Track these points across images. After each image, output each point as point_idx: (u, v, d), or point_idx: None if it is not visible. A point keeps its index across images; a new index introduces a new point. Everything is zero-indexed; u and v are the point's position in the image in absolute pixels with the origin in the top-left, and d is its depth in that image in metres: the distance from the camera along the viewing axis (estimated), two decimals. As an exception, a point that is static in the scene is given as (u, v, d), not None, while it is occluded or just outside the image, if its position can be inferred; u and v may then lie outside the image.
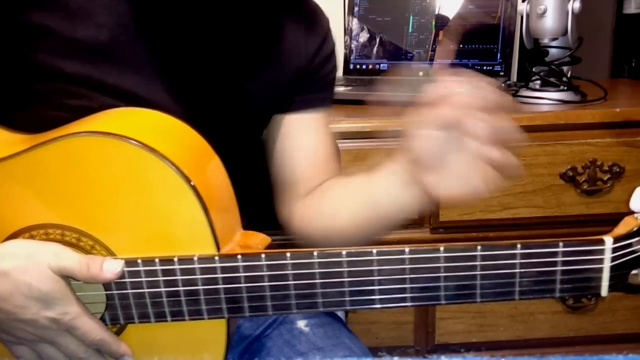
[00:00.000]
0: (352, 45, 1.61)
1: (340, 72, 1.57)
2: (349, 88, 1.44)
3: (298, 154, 0.83)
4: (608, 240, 0.59)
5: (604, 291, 0.61)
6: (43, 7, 0.67)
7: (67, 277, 0.61)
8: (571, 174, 1.26)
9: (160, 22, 0.72)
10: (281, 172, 0.85)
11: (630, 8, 1.63)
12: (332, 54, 0.86)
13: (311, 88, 0.84)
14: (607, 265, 0.60)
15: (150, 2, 0.71)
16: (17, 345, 0.63)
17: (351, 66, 1.62)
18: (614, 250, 0.59)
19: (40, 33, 0.67)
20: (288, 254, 0.61)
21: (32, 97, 0.70)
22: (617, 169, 1.26)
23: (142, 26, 0.71)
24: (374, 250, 0.60)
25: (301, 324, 0.82)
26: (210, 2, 0.75)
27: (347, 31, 1.61)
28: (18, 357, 0.64)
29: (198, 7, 0.74)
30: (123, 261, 0.61)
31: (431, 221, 1.30)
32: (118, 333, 0.66)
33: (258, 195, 0.85)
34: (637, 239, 0.59)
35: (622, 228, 0.61)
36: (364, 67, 1.61)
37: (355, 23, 1.61)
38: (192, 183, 0.61)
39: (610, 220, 0.63)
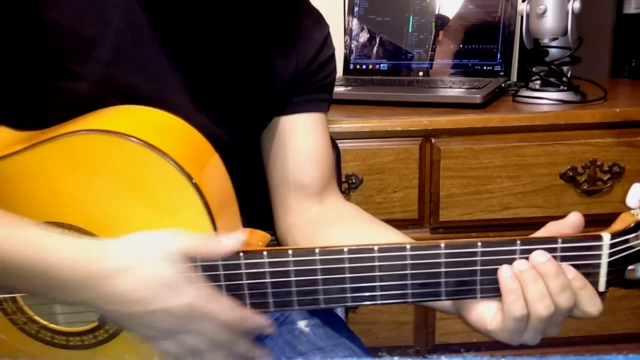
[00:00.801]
0: (352, 45, 1.62)
1: (340, 72, 1.57)
2: (349, 88, 1.44)
3: (294, 155, 0.83)
4: (606, 236, 0.60)
5: (602, 286, 0.62)
6: (56, 3, 0.67)
7: (190, 259, 0.60)
8: (571, 174, 1.26)
9: (166, 20, 0.72)
10: (277, 172, 0.85)
11: (630, 8, 1.63)
12: (330, 58, 0.87)
13: (309, 90, 0.84)
14: (604, 260, 0.61)
15: (161, 2, 0.71)
16: (162, 340, 0.62)
17: (351, 66, 1.62)
18: (612, 246, 0.60)
19: (52, 29, 0.67)
20: (290, 251, 0.61)
21: (42, 94, 0.69)
22: (617, 169, 1.26)
23: (148, 23, 0.71)
24: (376, 247, 0.60)
25: (302, 324, 0.82)
26: (218, 2, 0.75)
27: (347, 31, 1.61)
28: (166, 353, 0.62)
29: (203, 6, 0.74)
30: (243, 233, 0.61)
31: (431, 221, 1.30)
32: (119, 331, 0.66)
33: (257, 195, 0.85)
34: (633, 234, 0.60)
35: (619, 224, 0.61)
36: (364, 67, 1.61)
37: (355, 23, 1.61)
38: (193, 180, 0.61)
39: (611, 220, 0.64)
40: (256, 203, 0.80)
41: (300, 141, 0.83)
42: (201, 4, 0.74)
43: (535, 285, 0.59)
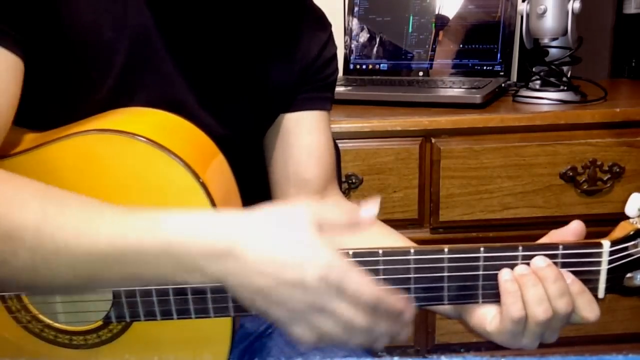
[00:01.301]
0: (352, 45, 1.62)
1: (340, 72, 1.57)
2: (349, 88, 1.45)
3: (297, 151, 0.84)
4: (606, 243, 0.61)
5: (601, 293, 0.63)
6: (76, 7, 0.67)
7: (324, 229, 0.57)
8: (571, 174, 1.26)
9: (174, 22, 0.72)
10: (279, 169, 0.85)
11: (630, 8, 1.63)
12: (333, 57, 0.87)
13: (313, 88, 0.84)
14: (604, 267, 0.62)
15: (168, 4, 0.72)
16: (293, 324, 0.57)
17: (351, 66, 1.62)
18: (611, 253, 0.61)
19: (72, 34, 0.67)
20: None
21: (61, 100, 0.69)
22: (617, 169, 1.26)
23: (157, 26, 0.71)
24: (380, 251, 0.61)
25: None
26: (224, 4, 0.75)
27: (347, 31, 1.61)
28: (298, 339, 0.58)
29: (209, 7, 0.74)
30: (377, 201, 0.60)
31: (431, 221, 1.30)
32: (123, 330, 0.67)
33: (260, 193, 0.85)
34: (632, 242, 0.61)
35: (618, 232, 0.63)
36: (364, 67, 1.61)
37: (355, 23, 1.61)
38: (200, 180, 0.61)
39: (610, 220, 0.64)
40: (259, 201, 0.81)
41: (303, 138, 0.84)
42: (207, 6, 0.74)
43: (534, 289, 0.60)
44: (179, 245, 0.55)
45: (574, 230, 0.63)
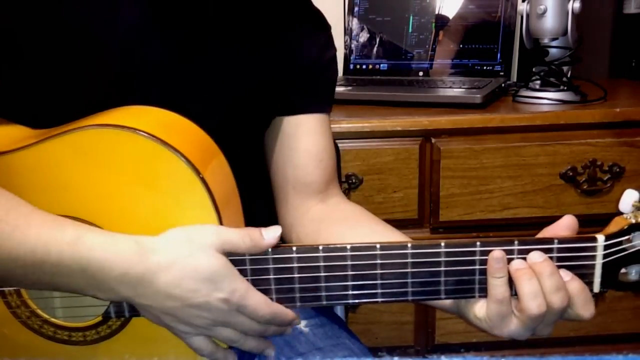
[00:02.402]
0: (352, 45, 1.62)
1: (340, 72, 1.58)
2: (349, 88, 1.45)
3: (297, 154, 0.84)
4: (600, 237, 0.62)
5: (596, 287, 0.63)
6: (70, 3, 0.67)
7: (229, 254, 0.61)
8: (571, 174, 1.26)
9: (170, 19, 0.72)
10: (280, 171, 0.85)
11: (630, 8, 1.63)
12: (332, 59, 0.87)
13: (313, 90, 0.84)
14: (599, 262, 0.62)
15: (161, 2, 0.71)
16: (194, 336, 0.63)
17: (351, 66, 1.62)
18: (606, 247, 0.62)
19: (67, 31, 0.67)
20: (294, 248, 0.62)
21: (57, 96, 0.69)
22: (617, 169, 1.26)
23: (152, 22, 0.71)
24: (378, 245, 0.61)
25: (301, 324, 0.82)
26: (219, 4, 0.75)
27: (347, 31, 1.62)
28: (197, 350, 0.64)
29: (207, 10, 0.74)
30: (279, 227, 0.63)
31: (431, 221, 1.30)
32: (122, 326, 0.67)
33: (259, 193, 0.85)
34: (626, 237, 0.62)
35: (612, 227, 0.63)
36: (364, 67, 1.61)
37: (355, 23, 1.61)
38: (201, 175, 0.61)
39: (610, 220, 0.64)
40: (257, 201, 0.81)
41: (303, 142, 0.84)
42: (201, 5, 0.74)
43: (530, 283, 0.60)
44: (96, 266, 0.59)
45: (566, 224, 0.64)
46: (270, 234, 0.62)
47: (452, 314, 0.71)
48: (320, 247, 0.61)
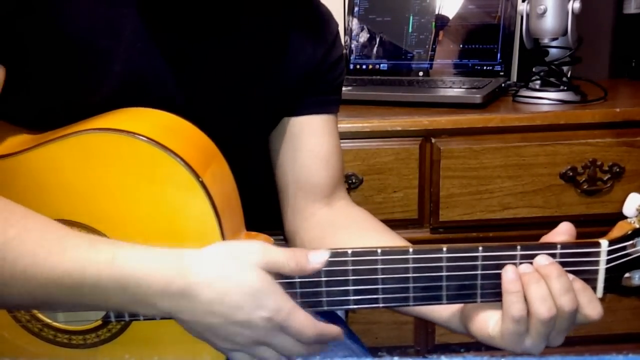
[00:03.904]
0: (352, 45, 1.62)
1: (340, 72, 1.57)
2: (349, 88, 1.44)
3: (304, 156, 0.83)
4: (604, 243, 0.61)
5: (599, 292, 0.63)
6: (71, 16, 0.67)
7: (275, 274, 0.60)
8: (571, 174, 1.26)
9: (174, 27, 0.72)
10: (286, 173, 0.85)
11: (630, 8, 1.63)
12: (340, 58, 0.86)
13: (320, 91, 0.84)
14: (602, 267, 0.62)
15: (165, 11, 0.71)
16: (236, 353, 0.62)
17: (351, 66, 1.62)
18: (610, 252, 0.61)
19: (68, 43, 0.67)
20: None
21: (58, 105, 0.69)
22: (617, 169, 1.26)
23: (155, 31, 0.70)
24: (379, 250, 0.61)
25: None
26: (223, 8, 0.75)
27: (347, 31, 1.61)
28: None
29: (210, 10, 0.74)
30: (329, 251, 0.61)
31: (431, 221, 1.30)
32: (122, 330, 0.67)
33: (262, 196, 0.85)
34: (630, 242, 0.61)
35: (616, 232, 0.63)
36: (364, 67, 1.61)
37: (355, 23, 1.61)
38: (201, 179, 0.61)
39: (610, 220, 0.64)
40: (260, 204, 0.80)
41: (310, 143, 0.83)
42: (206, 10, 0.73)
43: (537, 286, 0.59)
44: (135, 283, 0.57)
45: (564, 231, 0.63)
46: (316, 258, 0.61)
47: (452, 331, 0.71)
48: None
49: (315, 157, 0.83)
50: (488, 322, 0.64)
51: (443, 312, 0.71)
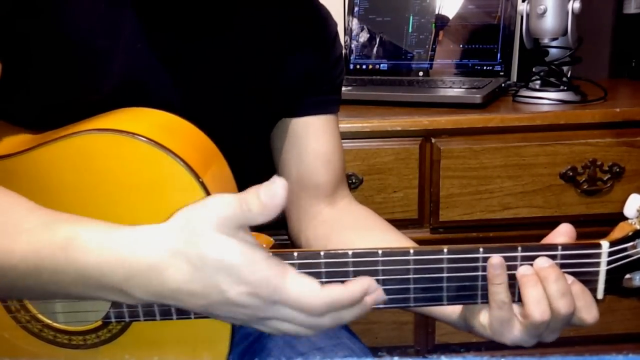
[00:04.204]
0: (352, 45, 1.62)
1: (340, 72, 1.57)
2: (349, 88, 1.44)
3: (306, 156, 0.84)
4: (605, 244, 0.61)
5: (600, 294, 0.63)
6: (70, 16, 0.66)
7: (239, 228, 0.51)
8: (571, 174, 1.26)
9: (173, 28, 0.72)
10: (288, 173, 0.85)
11: (630, 8, 1.63)
12: (339, 58, 0.87)
13: (320, 91, 0.84)
14: (603, 268, 0.62)
15: (163, 12, 0.71)
16: (254, 325, 0.56)
17: (351, 66, 1.62)
18: (610, 254, 0.61)
19: (67, 43, 0.67)
20: (295, 254, 0.60)
21: (57, 104, 0.69)
22: (617, 169, 1.26)
23: (155, 31, 0.70)
24: (380, 251, 0.61)
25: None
26: (221, 9, 0.75)
27: (347, 31, 1.61)
28: (269, 333, 0.56)
29: (210, 11, 0.74)
30: (281, 180, 0.52)
31: (431, 221, 1.30)
32: (122, 330, 0.67)
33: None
34: (631, 243, 0.61)
35: (617, 233, 0.63)
36: (364, 67, 1.61)
37: (355, 23, 1.61)
38: (201, 180, 0.61)
39: (611, 220, 0.64)
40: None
41: (311, 143, 0.84)
42: (208, 9, 0.73)
43: (534, 289, 0.60)
44: (96, 273, 0.52)
45: (564, 232, 0.63)
46: (269, 192, 0.52)
47: (459, 329, 0.71)
48: (322, 253, 0.60)
49: (317, 157, 0.84)
50: (480, 312, 0.66)
51: (446, 308, 0.71)
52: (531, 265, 0.61)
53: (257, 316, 0.54)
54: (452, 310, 0.71)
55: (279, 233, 0.87)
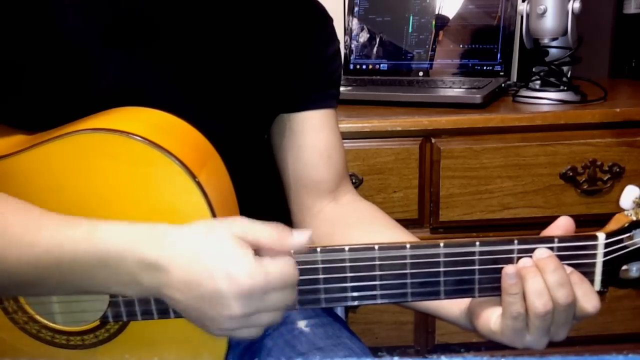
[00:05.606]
0: (352, 45, 1.62)
1: (340, 72, 1.57)
2: (349, 88, 1.44)
3: (306, 152, 0.84)
4: (601, 235, 0.62)
5: (597, 285, 0.63)
6: (66, 15, 0.66)
7: (253, 244, 0.57)
8: (571, 174, 1.26)
9: (170, 25, 0.72)
10: (289, 170, 0.85)
11: (630, 8, 1.63)
12: (336, 52, 0.87)
13: (317, 86, 0.84)
14: (599, 260, 0.62)
15: (159, 11, 0.71)
16: (239, 329, 0.59)
17: (351, 66, 1.62)
18: (607, 245, 0.62)
19: (63, 42, 0.67)
20: (292, 250, 0.61)
21: (53, 104, 0.69)
22: (617, 169, 1.26)
23: (152, 29, 0.70)
24: (376, 246, 0.61)
25: (301, 324, 0.82)
26: (218, 5, 0.75)
27: (347, 31, 1.61)
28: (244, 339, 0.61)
29: (206, 7, 0.74)
30: (310, 231, 0.58)
31: (431, 221, 1.30)
32: (120, 330, 0.66)
33: (262, 194, 0.85)
34: (627, 235, 0.62)
35: (613, 224, 0.63)
36: (364, 67, 1.61)
37: (355, 23, 1.61)
38: (197, 179, 0.61)
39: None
40: (257, 202, 0.81)
41: (311, 138, 0.83)
42: (201, 8, 0.73)
43: (534, 280, 0.60)
44: (115, 256, 0.56)
45: (562, 225, 0.63)
46: (302, 236, 0.58)
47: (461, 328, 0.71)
48: (318, 249, 0.61)
49: (316, 153, 0.84)
50: (491, 317, 0.65)
51: (451, 309, 0.71)
52: (531, 256, 0.61)
53: (250, 312, 0.57)
54: (453, 310, 0.71)
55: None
